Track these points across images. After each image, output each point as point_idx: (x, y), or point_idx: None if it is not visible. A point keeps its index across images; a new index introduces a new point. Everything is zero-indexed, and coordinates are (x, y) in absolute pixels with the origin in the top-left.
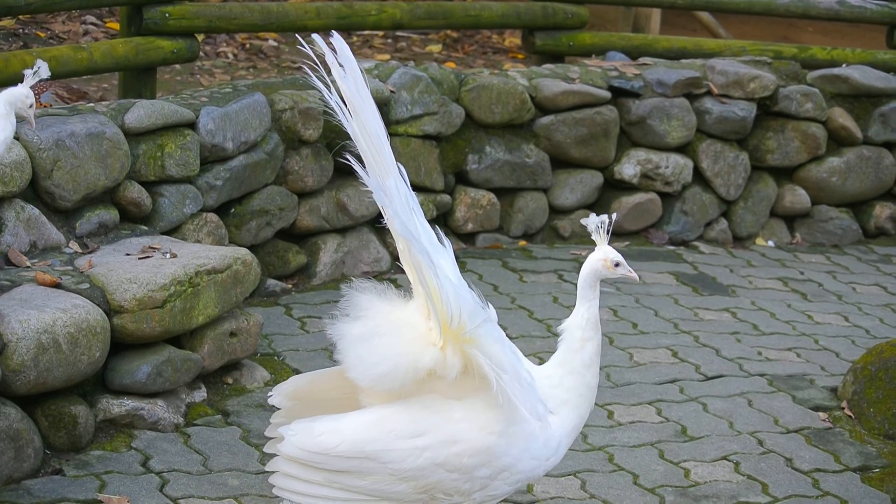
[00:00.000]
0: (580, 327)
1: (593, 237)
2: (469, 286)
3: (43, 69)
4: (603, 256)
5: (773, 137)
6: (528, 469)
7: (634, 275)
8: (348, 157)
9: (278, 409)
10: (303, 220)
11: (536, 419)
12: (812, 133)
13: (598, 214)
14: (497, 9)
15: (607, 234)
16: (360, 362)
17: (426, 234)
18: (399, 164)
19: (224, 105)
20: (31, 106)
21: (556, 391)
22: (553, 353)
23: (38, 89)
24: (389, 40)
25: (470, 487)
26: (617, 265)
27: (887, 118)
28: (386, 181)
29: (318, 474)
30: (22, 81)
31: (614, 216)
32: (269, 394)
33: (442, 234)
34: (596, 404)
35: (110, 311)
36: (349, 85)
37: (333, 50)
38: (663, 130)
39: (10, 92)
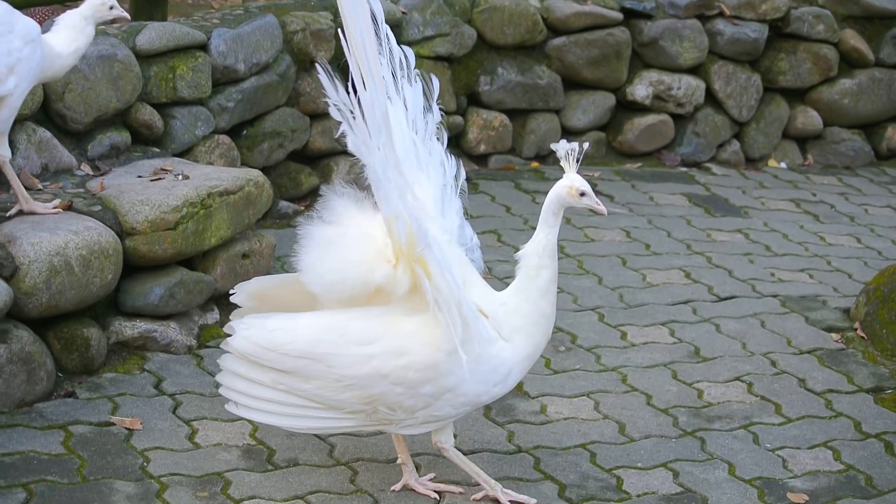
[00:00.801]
0: (537, 254)
1: (562, 164)
2: (457, 212)
3: None
4: (569, 184)
5: (785, 59)
6: (473, 393)
7: (602, 207)
8: (319, 67)
9: (239, 307)
10: (315, 142)
11: (483, 344)
12: (824, 55)
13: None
14: None
15: (577, 162)
16: (314, 267)
17: (401, 151)
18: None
19: (236, 27)
20: (111, 8)
21: (511, 318)
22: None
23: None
24: None
25: (413, 404)
26: (582, 194)
27: None
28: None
29: (264, 374)
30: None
31: (586, 145)
32: (232, 291)
33: (445, 154)
34: (609, 325)
35: (122, 233)
36: None
37: None
38: (675, 52)
39: (86, 4)
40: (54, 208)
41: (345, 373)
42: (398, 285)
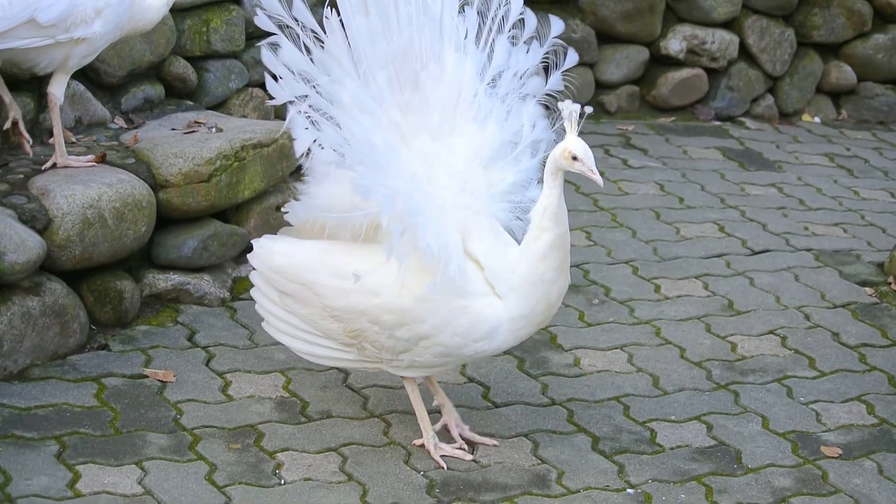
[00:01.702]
0: (538, 215)
1: (564, 124)
2: None
3: None
4: (564, 146)
5: (819, 13)
6: (451, 344)
7: (597, 177)
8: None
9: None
10: None
11: (463, 297)
12: (858, 9)
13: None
14: None
15: (577, 124)
16: (310, 193)
17: (437, 94)
18: None
19: None
20: None
21: (510, 276)
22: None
23: None
24: None
25: (393, 345)
26: (575, 159)
27: None
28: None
29: (272, 291)
30: None
31: (588, 109)
32: (284, 210)
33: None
34: (642, 278)
35: (156, 185)
36: None
37: None
38: (709, 6)
39: None
40: (88, 161)
41: (329, 303)
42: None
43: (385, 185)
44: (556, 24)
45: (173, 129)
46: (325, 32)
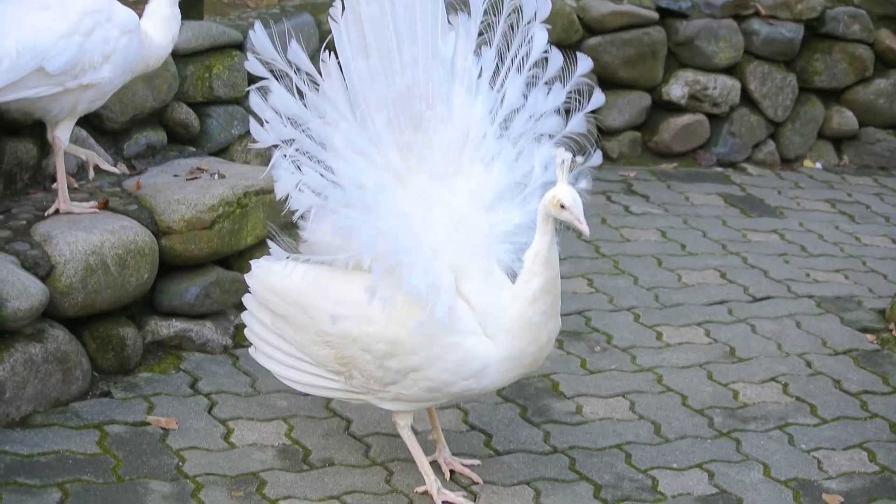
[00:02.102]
0: (529, 259)
1: (556, 172)
2: None
3: None
4: (553, 194)
5: (821, 59)
6: (440, 380)
7: (583, 227)
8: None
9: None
10: None
11: (454, 334)
12: (859, 55)
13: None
14: None
15: (569, 172)
16: (312, 228)
17: (445, 133)
18: None
19: (272, 26)
20: None
21: (500, 317)
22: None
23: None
24: None
25: (382, 375)
26: (563, 207)
27: None
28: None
29: (265, 313)
30: None
31: (579, 159)
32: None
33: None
34: (644, 325)
35: (158, 232)
36: None
37: None
38: (711, 51)
39: None
40: (91, 207)
41: (321, 327)
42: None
43: (369, 225)
44: (583, 62)
45: (176, 176)
46: (321, 76)
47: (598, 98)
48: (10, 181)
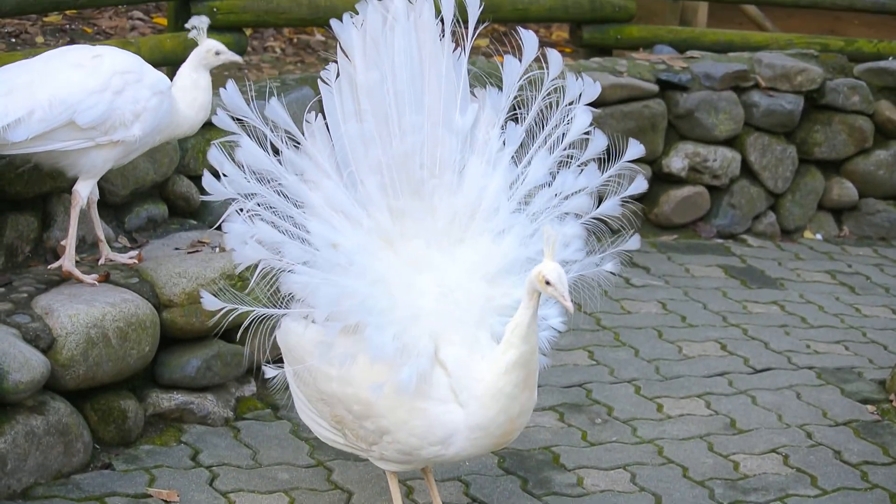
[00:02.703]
0: (509, 331)
1: (544, 248)
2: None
3: (198, 21)
4: (539, 270)
5: (821, 130)
6: (408, 444)
7: (568, 304)
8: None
9: None
10: None
11: (424, 400)
12: (859, 126)
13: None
14: (545, 3)
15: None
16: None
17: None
18: None
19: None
20: (218, 53)
21: (474, 384)
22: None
23: None
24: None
25: (365, 435)
26: (548, 283)
27: None
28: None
29: (289, 367)
30: None
31: (559, 237)
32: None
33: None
34: (645, 397)
35: (160, 305)
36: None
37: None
38: (711, 123)
39: (191, 57)
40: (92, 279)
41: (319, 386)
42: None
43: (331, 283)
44: (634, 148)
45: (177, 249)
46: (303, 135)
47: (640, 184)
48: (11, 254)
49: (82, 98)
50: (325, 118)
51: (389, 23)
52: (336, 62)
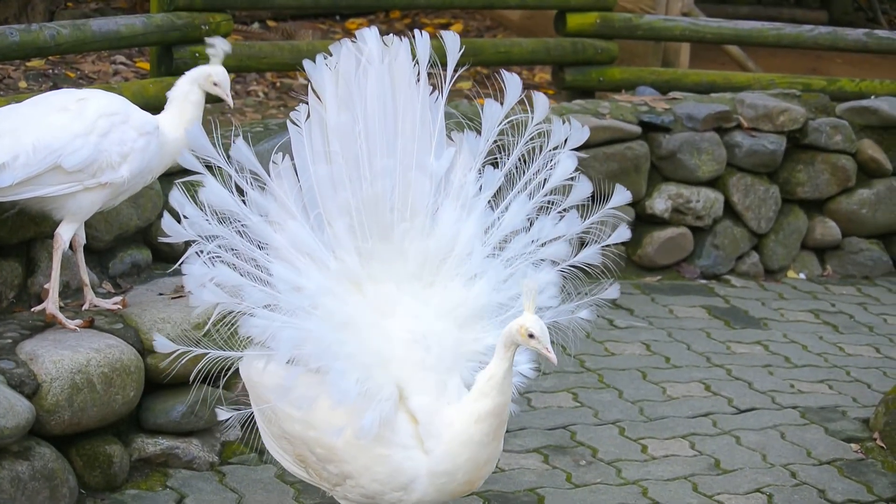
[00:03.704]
0: (483, 380)
1: (523, 301)
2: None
3: (220, 43)
4: (521, 322)
5: (804, 170)
6: (370, 489)
7: (551, 356)
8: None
9: None
10: None
11: (386, 446)
12: (842, 165)
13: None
14: (527, 45)
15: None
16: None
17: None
18: None
19: (256, 144)
20: (215, 84)
21: (441, 430)
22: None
23: None
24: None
25: (328, 476)
26: (531, 336)
27: None
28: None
29: (252, 401)
30: None
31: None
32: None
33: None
34: (629, 438)
35: (144, 350)
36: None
37: None
38: (694, 164)
39: (191, 71)
40: (75, 324)
41: (283, 425)
42: None
43: (292, 326)
44: (620, 195)
45: (161, 294)
46: (269, 175)
47: (623, 233)
48: None
49: (67, 142)
50: (292, 159)
51: (363, 65)
52: (307, 103)
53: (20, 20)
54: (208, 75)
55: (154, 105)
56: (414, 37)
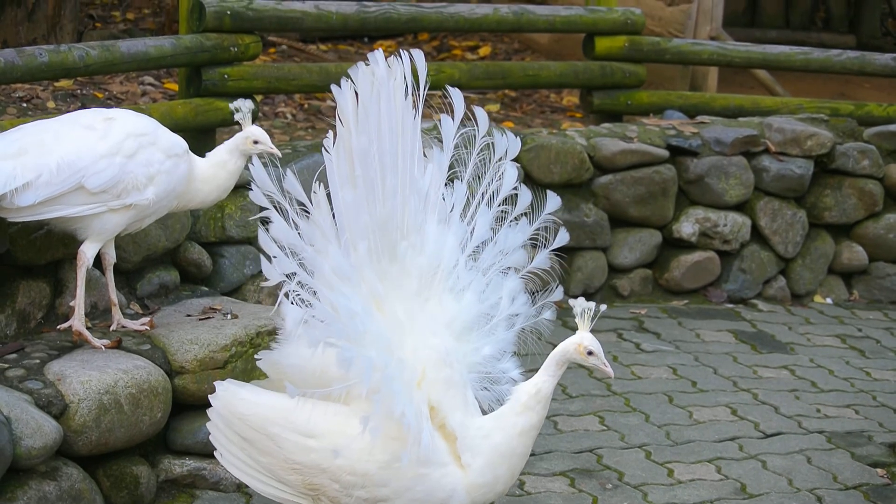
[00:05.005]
0: (528, 394)
1: (577, 321)
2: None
3: (244, 105)
4: (579, 341)
5: (831, 194)
6: None
7: (608, 369)
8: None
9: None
10: None
11: (426, 466)
12: (869, 190)
13: (592, 301)
14: (555, 68)
15: (592, 321)
16: (283, 350)
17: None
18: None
19: (283, 166)
20: (256, 142)
21: (479, 442)
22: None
23: None
24: (448, 100)
25: (350, 503)
26: (590, 353)
27: None
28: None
29: (234, 435)
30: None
31: (603, 307)
32: (258, 357)
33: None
34: (656, 462)
35: (171, 371)
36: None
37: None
38: (721, 189)
39: (231, 139)
40: (103, 344)
41: (290, 457)
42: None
43: (364, 357)
44: (552, 201)
45: (188, 315)
46: (311, 205)
47: (563, 237)
48: (23, 320)
49: (91, 162)
50: (326, 186)
51: (375, 87)
52: (334, 129)
53: (49, 41)
54: (246, 138)
55: (182, 127)
56: (412, 56)
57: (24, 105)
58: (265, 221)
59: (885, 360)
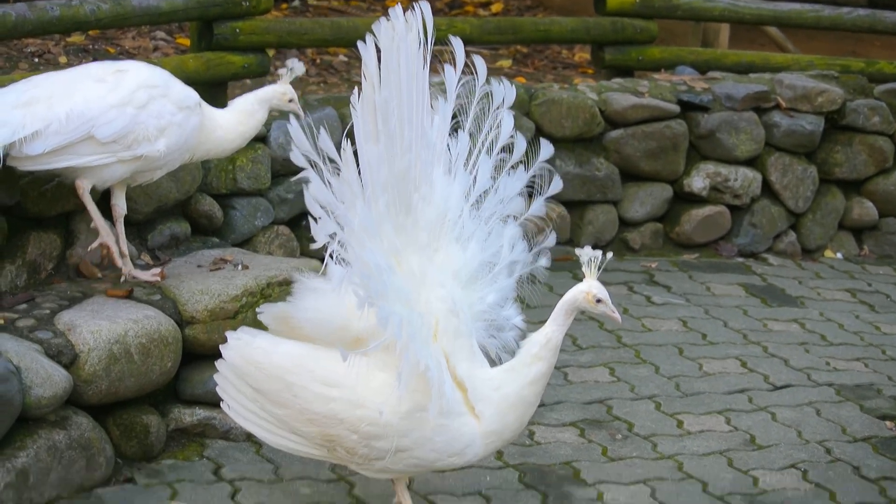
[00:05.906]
0: (539, 344)
1: (584, 269)
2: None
3: (297, 67)
4: (587, 289)
5: (841, 151)
6: (426, 459)
7: (617, 316)
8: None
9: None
10: None
11: (445, 417)
12: (879, 146)
13: (598, 250)
14: (566, 24)
15: (598, 269)
16: (302, 304)
17: (429, 213)
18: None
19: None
20: (290, 101)
21: (492, 394)
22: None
23: None
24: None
25: (367, 453)
26: (598, 301)
27: None
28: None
29: (245, 386)
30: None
31: (609, 255)
32: (259, 310)
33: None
34: (665, 413)
35: (182, 321)
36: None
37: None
38: (732, 144)
39: (265, 89)
40: (153, 276)
41: (307, 407)
42: (374, 339)
43: (395, 314)
44: (546, 149)
45: (199, 266)
46: (342, 161)
47: (557, 184)
48: (34, 271)
49: (101, 112)
50: (353, 144)
51: (395, 42)
52: (359, 85)
53: None
54: (284, 94)
55: (193, 80)
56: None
57: (36, 60)
58: (306, 182)
59: (894, 315)
